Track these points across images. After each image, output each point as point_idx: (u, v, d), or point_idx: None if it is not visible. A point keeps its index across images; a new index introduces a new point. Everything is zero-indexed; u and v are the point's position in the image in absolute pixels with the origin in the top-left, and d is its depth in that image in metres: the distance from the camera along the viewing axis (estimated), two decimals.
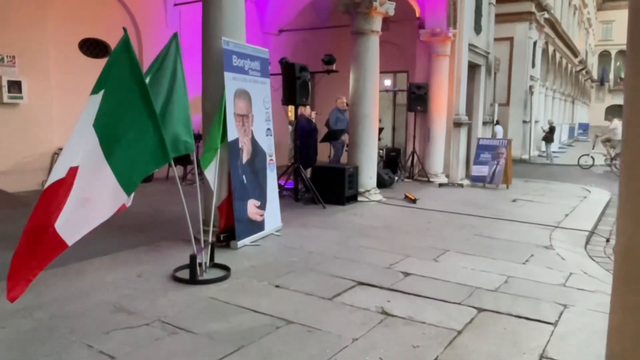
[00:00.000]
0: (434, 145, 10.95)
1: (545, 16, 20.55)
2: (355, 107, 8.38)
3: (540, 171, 15.55)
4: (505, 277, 4.43)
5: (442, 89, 10.81)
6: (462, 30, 10.80)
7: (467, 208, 7.94)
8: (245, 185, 5.37)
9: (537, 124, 22.05)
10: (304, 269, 4.53)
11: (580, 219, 7.45)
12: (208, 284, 4.08)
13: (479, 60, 12.29)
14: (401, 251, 5.21)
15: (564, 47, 28.51)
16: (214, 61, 5.25)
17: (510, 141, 10.95)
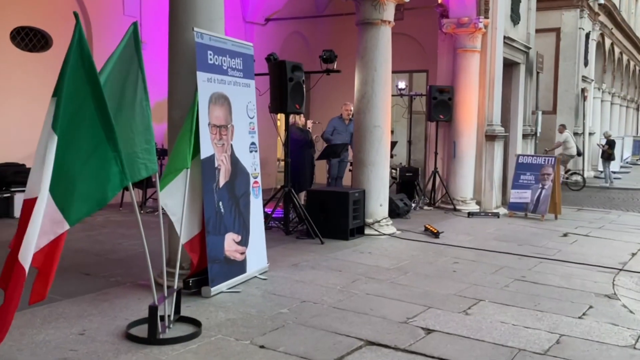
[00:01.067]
0: (461, 163, 10.99)
1: (600, 2, 20.86)
2: (362, 115, 8.41)
3: (597, 197, 15.59)
4: (557, 336, 4.38)
5: (470, 93, 10.90)
6: (495, 19, 10.94)
7: (504, 244, 7.91)
8: (222, 214, 5.34)
9: (591, 136, 22.19)
10: (295, 324, 4.47)
11: None
12: (172, 343, 4.00)
13: (517, 57, 12.41)
14: (421, 300, 5.17)
15: (625, 41, 28.89)
16: (183, 58, 5.26)
17: (558, 159, 11.00)
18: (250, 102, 5.94)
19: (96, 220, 8.58)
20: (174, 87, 5.40)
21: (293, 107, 7.72)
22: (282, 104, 7.67)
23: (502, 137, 11.66)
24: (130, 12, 10.71)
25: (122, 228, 8.09)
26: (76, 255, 6.55)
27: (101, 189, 3.55)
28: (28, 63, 9.43)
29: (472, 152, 11.05)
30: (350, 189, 8.39)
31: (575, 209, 12.15)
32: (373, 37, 8.27)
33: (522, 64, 12.74)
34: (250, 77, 5.93)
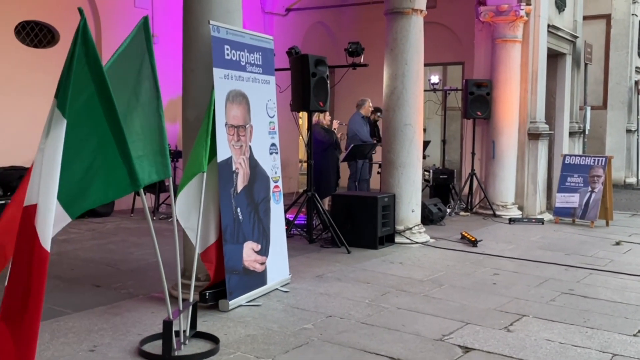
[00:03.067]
0: (501, 165, 10.93)
1: None
2: (391, 113, 8.40)
3: None
4: (609, 356, 4.33)
5: (511, 88, 10.85)
6: (538, 6, 10.86)
7: (549, 254, 7.85)
8: (241, 222, 5.37)
9: None
10: (320, 341, 4.48)
11: None
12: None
13: (563, 47, 12.30)
14: (458, 316, 5.14)
15: None
16: (198, 53, 5.31)
17: (610, 159, 10.86)
18: (270, 100, 5.97)
19: (106, 228, 8.69)
20: (188, 85, 5.46)
21: (316, 104, 7.73)
22: (304, 101, 7.69)
23: (547, 136, 11.55)
24: (141, 5, 10.83)
25: (133, 236, 8.18)
26: (86, 265, 6.65)
27: (106, 191, 3.60)
28: (34, 59, 9.58)
29: (514, 152, 10.98)
30: (378, 193, 8.39)
31: (629, 214, 11.97)
32: (403, 28, 8.25)
33: (569, 54, 12.62)
34: (270, 73, 5.96)
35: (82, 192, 3.47)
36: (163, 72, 5.47)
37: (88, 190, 3.50)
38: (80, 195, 3.46)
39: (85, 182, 3.50)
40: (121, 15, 10.51)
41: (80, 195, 3.45)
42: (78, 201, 3.44)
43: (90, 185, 3.52)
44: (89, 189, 3.52)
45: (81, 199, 3.47)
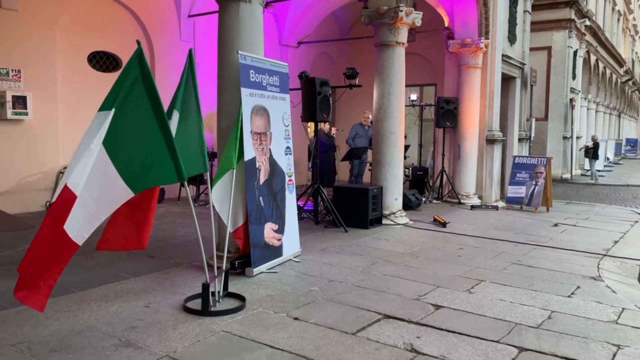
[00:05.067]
0: (465, 163, 10.87)
1: (587, 23, 20.41)
2: (380, 123, 8.37)
3: (583, 192, 15.27)
4: (549, 312, 4.30)
5: (473, 103, 10.78)
6: (494, 40, 10.78)
7: (502, 233, 7.81)
8: (262, 207, 5.36)
9: (579, 140, 21.75)
10: (324, 300, 4.47)
11: (631, 247, 7.26)
12: (221, 315, 4.04)
13: (514, 72, 12.22)
14: (431, 281, 5.13)
15: (607, 57, 28.23)
16: (230, 76, 5.30)
17: (550, 159, 10.80)
18: (286, 112, 5.95)
19: (159, 212, 8.68)
20: (222, 101, 5.44)
21: (321, 116, 7.72)
22: (312, 114, 7.67)
23: (501, 141, 11.48)
24: (185, 38, 10.82)
25: (180, 218, 8.19)
26: None
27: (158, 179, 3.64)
28: (102, 82, 9.57)
29: (475, 153, 10.91)
30: (369, 185, 8.35)
31: (565, 202, 11.92)
32: (389, 57, 8.21)
33: (518, 78, 12.54)
34: (285, 91, 5.94)
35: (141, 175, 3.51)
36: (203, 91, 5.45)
37: (146, 175, 3.54)
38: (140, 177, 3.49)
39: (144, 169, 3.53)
40: (170, 46, 10.50)
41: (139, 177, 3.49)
42: (137, 180, 3.47)
43: (147, 172, 3.56)
44: (147, 175, 3.56)
45: (140, 179, 3.50)
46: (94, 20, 9.46)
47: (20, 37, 8.37)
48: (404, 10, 7.96)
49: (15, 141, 8.47)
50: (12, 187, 8.46)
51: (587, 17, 20.28)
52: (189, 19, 10.84)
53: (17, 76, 8.39)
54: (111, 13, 9.76)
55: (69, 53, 9.16)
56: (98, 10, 9.53)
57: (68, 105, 9.09)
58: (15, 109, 8.30)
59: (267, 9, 10.99)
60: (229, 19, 5.35)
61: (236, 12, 5.29)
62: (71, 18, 9.15)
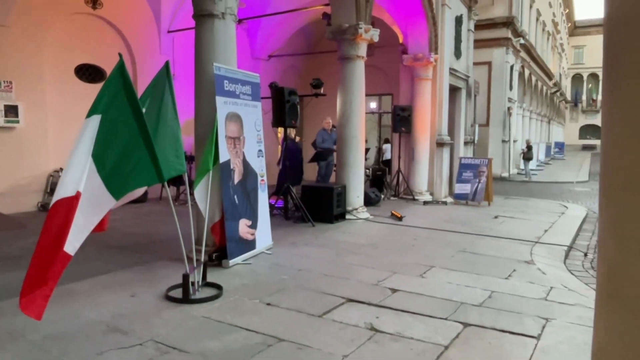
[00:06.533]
0: (418, 164, 11.01)
1: (521, 42, 20.98)
2: (343, 128, 8.42)
3: (519, 188, 15.66)
4: (489, 292, 4.41)
5: (425, 111, 10.92)
6: (442, 55, 10.98)
7: (451, 225, 7.94)
8: (237, 205, 5.34)
9: (515, 143, 22.33)
10: (294, 287, 4.48)
11: (559, 234, 7.48)
12: (201, 302, 4.01)
13: (460, 83, 12.46)
14: (388, 268, 5.18)
15: (539, 71, 29.07)
16: (206, 86, 5.25)
17: (491, 160, 11.05)
18: (258, 119, 5.92)
19: (142, 211, 8.54)
20: (199, 108, 5.38)
21: (290, 122, 7.70)
22: (281, 120, 7.65)
23: (449, 144, 11.69)
24: (165, 52, 10.65)
25: (161, 216, 8.06)
26: (129, 237, 6.54)
27: (139, 181, 3.58)
28: (88, 92, 9.32)
29: (427, 155, 11.06)
30: (334, 184, 8.38)
31: (504, 197, 12.20)
32: (351, 69, 8.26)
33: (464, 88, 12.79)
34: (257, 99, 5.92)
35: (122, 181, 3.44)
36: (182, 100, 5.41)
37: (126, 180, 3.48)
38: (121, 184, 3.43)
39: (124, 175, 3.46)
40: (151, 59, 10.32)
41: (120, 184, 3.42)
42: (118, 187, 3.40)
43: (128, 177, 3.50)
44: (127, 180, 3.50)
45: (121, 186, 3.44)
46: (80, 35, 9.24)
47: (11, 50, 8.11)
48: (363, 27, 8.03)
49: (7, 147, 8.21)
50: (5, 189, 8.19)
51: (522, 36, 20.85)
52: (168, 34, 10.68)
53: (8, 87, 8.12)
54: (96, 29, 9.53)
55: (57, 65, 8.93)
56: (84, 26, 9.30)
57: (57, 113, 8.85)
58: (7, 117, 8.05)
59: (240, 25, 10.93)
60: (204, 34, 5.30)
61: (211, 28, 5.25)
62: (59, 33, 8.91)
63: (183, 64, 10.32)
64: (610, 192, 0.78)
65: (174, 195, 9.95)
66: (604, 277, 0.85)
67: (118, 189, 3.42)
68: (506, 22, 18.97)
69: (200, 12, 5.29)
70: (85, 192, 3.22)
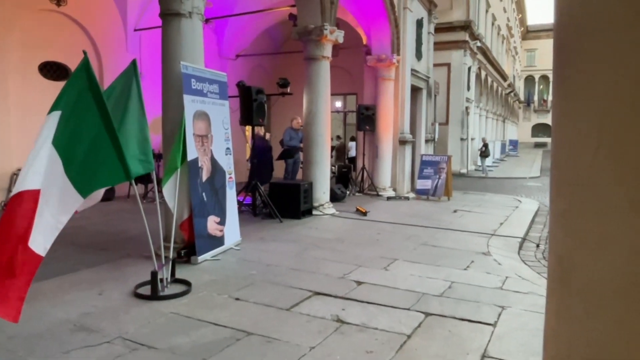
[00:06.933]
0: (382, 161, 11.12)
1: (478, 45, 21.47)
2: (309, 127, 8.42)
3: (477, 184, 16.04)
4: (449, 283, 4.51)
5: (388, 110, 11.03)
6: (404, 56, 11.11)
7: (413, 219, 8.04)
8: (205, 202, 5.26)
9: (473, 141, 22.87)
10: (262, 282, 4.45)
11: (513, 227, 7.71)
12: (169, 299, 3.94)
13: (421, 83, 12.65)
14: (354, 261, 5.22)
15: (494, 72, 29.84)
16: (173, 84, 5.14)
17: (450, 157, 11.28)
18: (225, 117, 5.85)
19: (111, 209, 8.31)
20: (166, 107, 5.27)
21: (257, 121, 7.63)
22: (249, 118, 7.57)
23: (411, 142, 11.85)
24: (132, 50, 10.36)
25: (130, 214, 7.84)
26: (96, 235, 6.34)
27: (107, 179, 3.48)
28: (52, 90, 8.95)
29: (390, 153, 11.18)
30: (301, 181, 8.38)
31: (462, 192, 12.46)
32: (316, 69, 8.26)
33: (424, 89, 12.99)
34: (224, 98, 5.84)
35: (89, 179, 3.33)
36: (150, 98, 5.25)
37: (93, 178, 3.37)
38: (88, 182, 3.32)
39: (91, 172, 3.36)
40: (118, 57, 10.02)
41: (87, 181, 3.31)
42: (85, 185, 3.29)
43: (95, 175, 3.39)
44: (95, 178, 3.39)
45: (88, 183, 3.33)
46: (44, 32, 8.87)
47: None
48: (328, 29, 8.04)
49: None
50: None
51: (478, 40, 21.33)
52: (135, 33, 10.39)
53: None
54: (61, 26, 9.17)
55: (21, 62, 8.55)
56: (48, 23, 8.93)
57: (20, 111, 8.48)
58: None
59: (208, 24, 10.75)
60: (171, 33, 5.19)
61: (178, 27, 5.14)
62: (23, 31, 8.53)
63: (151, 62, 10.06)
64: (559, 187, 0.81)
65: (143, 193, 9.72)
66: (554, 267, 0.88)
67: (85, 187, 3.31)
68: (464, 25, 19.36)
69: (167, 11, 5.18)
70: (49, 187, 3.10)
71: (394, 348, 3.11)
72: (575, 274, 0.71)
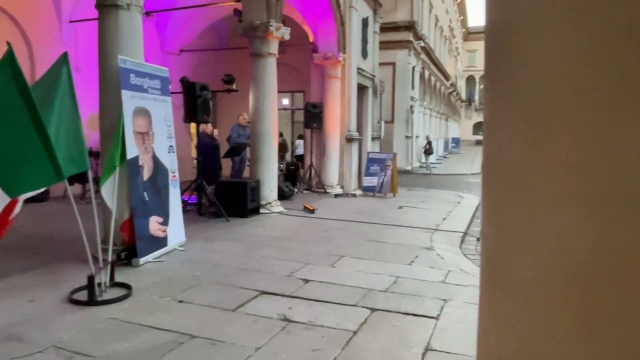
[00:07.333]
0: (329, 159, 11.18)
1: (422, 45, 22.07)
2: (256, 124, 8.32)
3: (421, 181, 16.46)
4: (394, 278, 4.59)
5: (335, 108, 11.11)
6: (350, 55, 11.21)
7: (360, 216, 8.13)
8: (147, 202, 5.07)
9: (417, 139, 23.49)
10: (207, 282, 4.35)
11: (455, 222, 7.99)
12: (108, 304, 3.76)
13: (367, 82, 12.82)
14: (301, 259, 5.21)
15: (437, 72, 30.81)
16: (111, 79, 4.90)
17: (395, 154, 11.52)
18: (168, 113, 5.66)
19: (44, 210, 7.84)
20: (104, 103, 5.02)
21: (202, 118, 7.45)
22: (193, 115, 7.37)
23: (357, 140, 11.99)
24: (67, 42, 9.80)
25: (65, 215, 7.30)
26: (27, 238, 5.95)
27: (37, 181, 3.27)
28: None
29: (337, 150, 11.25)
30: (248, 179, 8.27)
31: (407, 189, 12.73)
32: (262, 65, 8.17)
33: (370, 87, 13.17)
34: (166, 94, 5.65)
35: (17, 179, 3.12)
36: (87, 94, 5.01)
37: (22, 178, 3.16)
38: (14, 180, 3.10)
39: (19, 171, 3.15)
40: (51, 50, 9.43)
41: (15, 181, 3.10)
42: (12, 184, 3.08)
43: (24, 175, 3.18)
44: (23, 177, 3.18)
45: (16, 184, 3.12)
46: None
47: None
48: (274, 25, 7.97)
49: None
50: None
51: (422, 40, 21.93)
52: (70, 24, 9.84)
53: None
54: None
55: None
56: None
57: None
58: None
59: (149, 17, 10.38)
60: (108, 25, 4.94)
61: (115, 19, 4.90)
62: None
63: (88, 56, 9.54)
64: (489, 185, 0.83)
65: (80, 193, 9.23)
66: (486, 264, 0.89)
67: (12, 186, 3.10)
68: (408, 25, 19.82)
69: (103, 2, 4.93)
70: None
71: (340, 345, 3.12)
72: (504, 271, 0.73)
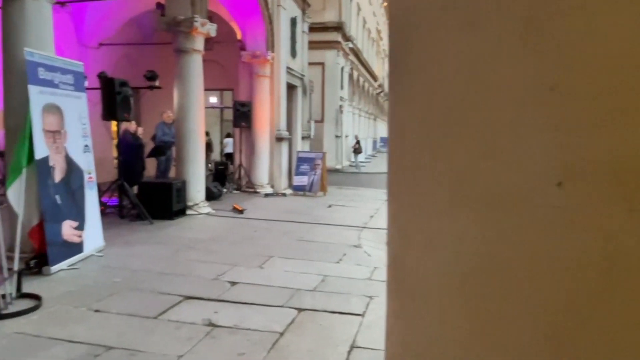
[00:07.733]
0: (259, 158, 11.08)
1: (350, 46, 22.48)
2: (181, 122, 8.04)
3: (350, 179, 16.75)
4: (322, 277, 4.62)
5: (264, 107, 11.01)
6: (279, 53, 11.17)
7: (289, 215, 8.12)
8: (59, 205, 4.72)
9: (347, 138, 23.92)
10: (127, 289, 4.13)
11: (382, 219, 8.17)
12: (14, 317, 3.45)
13: (296, 81, 12.84)
14: (228, 261, 5.10)
15: (366, 73, 31.55)
16: (16, 73, 4.51)
17: (325, 154, 11.64)
18: (83, 111, 5.30)
19: None
20: (9, 99, 4.64)
21: (122, 115, 7.06)
22: (112, 113, 6.97)
23: (287, 139, 11.97)
24: None
25: None
26: None
27: None
28: None
29: (267, 150, 11.17)
30: (174, 179, 7.98)
31: (337, 187, 12.86)
32: (187, 62, 7.91)
33: (299, 86, 13.20)
34: (81, 90, 5.29)
35: None
36: None
37: None
38: None
39: None
40: None
41: None
42: None
43: None
44: None
45: None
46: None
47: None
48: (199, 21, 7.74)
49: None
50: None
51: (350, 41, 22.33)
52: None
53: None
54: None
55: None
56: None
57: None
58: None
59: (64, 8, 9.69)
60: (13, 14, 4.56)
61: (21, 8, 4.52)
62: None
63: None
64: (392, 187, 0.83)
65: None
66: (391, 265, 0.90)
67: None
68: (337, 26, 20.10)
69: None
70: None
71: (266, 347, 3.09)
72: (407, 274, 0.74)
